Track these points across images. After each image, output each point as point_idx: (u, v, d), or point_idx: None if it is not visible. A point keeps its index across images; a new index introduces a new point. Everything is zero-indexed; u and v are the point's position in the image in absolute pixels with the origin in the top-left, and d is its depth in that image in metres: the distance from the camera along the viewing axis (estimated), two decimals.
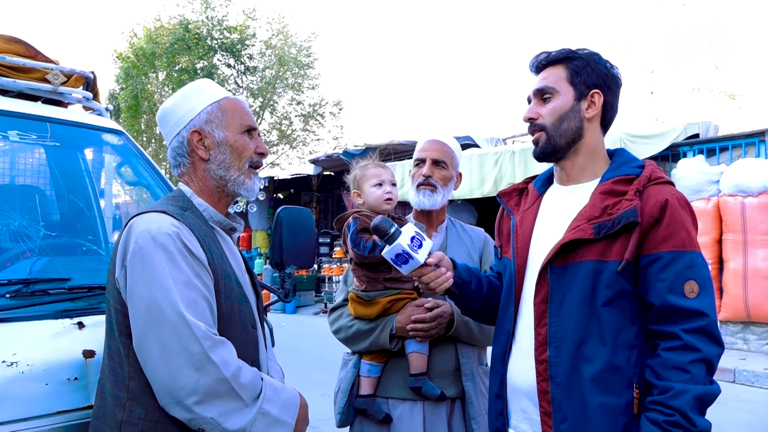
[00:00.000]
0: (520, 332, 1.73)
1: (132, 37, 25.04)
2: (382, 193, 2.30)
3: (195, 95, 1.73)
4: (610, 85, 1.72)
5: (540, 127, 1.72)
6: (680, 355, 1.48)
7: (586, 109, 1.70)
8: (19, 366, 1.59)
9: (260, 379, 1.54)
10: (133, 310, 1.47)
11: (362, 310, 2.26)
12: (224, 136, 1.69)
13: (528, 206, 1.81)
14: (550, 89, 1.71)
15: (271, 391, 1.54)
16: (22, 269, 1.95)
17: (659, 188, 1.60)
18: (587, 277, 1.58)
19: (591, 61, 1.72)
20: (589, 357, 1.56)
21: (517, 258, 1.75)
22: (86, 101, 2.74)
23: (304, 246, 2.19)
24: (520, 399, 1.70)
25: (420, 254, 1.70)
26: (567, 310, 1.60)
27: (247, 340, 1.64)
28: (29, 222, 2.07)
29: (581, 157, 1.72)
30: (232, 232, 1.78)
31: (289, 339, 9.38)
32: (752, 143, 8.49)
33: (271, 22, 26.06)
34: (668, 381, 1.47)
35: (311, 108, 26.51)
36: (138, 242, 1.49)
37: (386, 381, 2.26)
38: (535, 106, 1.74)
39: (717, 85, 18.46)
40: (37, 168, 2.44)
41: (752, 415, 5.74)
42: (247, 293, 1.70)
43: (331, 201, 17.37)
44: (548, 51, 1.76)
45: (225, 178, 1.69)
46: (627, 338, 1.56)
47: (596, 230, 1.57)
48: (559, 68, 1.72)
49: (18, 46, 2.61)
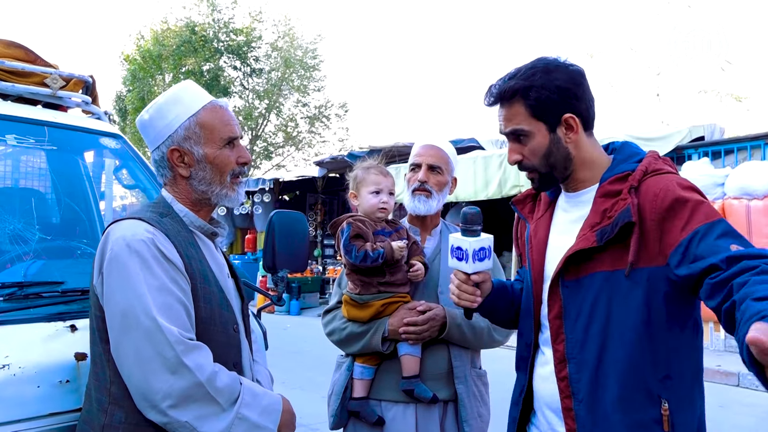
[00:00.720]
0: (543, 343, 1.67)
1: (139, 39, 25.21)
2: (377, 202, 2.31)
3: (172, 108, 1.68)
4: (575, 92, 1.57)
5: (530, 168, 1.63)
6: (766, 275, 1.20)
7: (566, 134, 1.58)
8: (11, 368, 1.61)
9: (239, 383, 1.55)
10: (110, 316, 1.50)
11: (355, 312, 2.27)
12: (204, 153, 1.66)
13: (541, 213, 1.74)
14: (520, 131, 1.59)
15: (250, 396, 1.54)
16: (17, 272, 1.97)
17: (656, 179, 1.49)
18: (601, 290, 1.50)
19: (547, 82, 1.55)
20: (609, 373, 1.48)
21: (534, 267, 1.69)
22: (85, 105, 2.76)
23: (297, 250, 2.21)
24: (545, 410, 1.65)
25: (472, 265, 1.64)
26: (583, 326, 1.52)
27: (228, 343, 1.65)
28: (25, 225, 2.10)
29: (579, 171, 1.63)
30: (213, 237, 1.78)
31: (293, 341, 9.40)
32: (757, 146, 8.46)
33: (277, 25, 26.18)
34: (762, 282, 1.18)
35: (317, 110, 26.61)
36: (114, 249, 1.51)
37: (379, 383, 2.27)
38: (516, 147, 1.63)
39: (723, 87, 18.39)
40: (35, 172, 2.46)
41: (756, 419, 5.71)
42: (229, 297, 1.70)
43: (336, 203, 17.41)
44: (498, 87, 1.61)
45: (207, 192, 1.70)
46: (649, 352, 1.46)
47: (599, 237, 1.49)
48: (517, 105, 1.58)
49: (17, 51, 2.64)
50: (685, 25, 21.37)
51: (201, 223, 1.72)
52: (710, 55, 19.61)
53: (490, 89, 1.63)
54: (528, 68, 1.59)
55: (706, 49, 20.38)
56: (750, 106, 18.24)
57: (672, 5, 20.96)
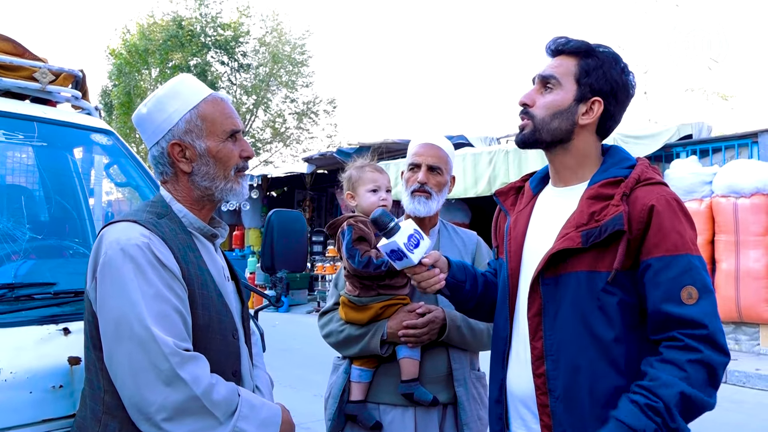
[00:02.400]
0: (516, 340, 1.68)
1: (125, 33, 24.93)
2: (377, 200, 2.28)
3: (171, 101, 1.61)
4: (617, 93, 1.62)
5: (530, 116, 1.64)
6: (679, 354, 1.40)
7: (583, 114, 1.61)
8: (2, 373, 1.56)
9: (236, 395, 1.49)
10: (103, 324, 1.44)
11: (354, 314, 2.23)
12: (206, 146, 1.59)
13: (523, 206, 1.76)
14: (555, 80, 1.62)
15: (248, 409, 1.48)
16: (7, 273, 1.91)
17: (647, 190, 1.52)
18: (579, 289, 1.52)
19: (606, 63, 1.61)
20: (586, 370, 1.51)
21: (510, 262, 1.70)
22: (75, 100, 2.69)
23: (296, 250, 2.16)
24: (519, 407, 1.66)
25: (415, 254, 1.67)
26: (562, 323, 1.55)
27: (227, 351, 1.58)
28: (14, 224, 2.03)
29: (570, 158, 1.65)
30: (213, 239, 1.70)
31: (282, 338, 9.34)
32: (745, 144, 8.52)
33: (265, 20, 25.95)
34: (661, 371, 1.40)
35: (305, 106, 26.47)
36: (108, 253, 1.45)
37: (377, 386, 2.23)
38: (534, 93, 1.66)
39: (710, 85, 18.55)
40: (24, 168, 2.40)
41: (744, 416, 5.75)
42: (228, 302, 1.63)
43: (325, 199, 17.33)
44: (568, 38, 1.66)
45: (211, 188, 1.62)
46: (625, 350, 1.50)
47: (584, 239, 1.51)
48: (571, 60, 1.62)
49: (5, 44, 2.56)
50: (672, 24, 21.53)
51: (201, 225, 1.65)
52: (697, 53, 19.77)
53: (557, 39, 1.67)
54: (603, 46, 1.65)
55: (693, 48, 20.53)
56: (735, 104, 18.42)
57: (660, 4, 21.10)
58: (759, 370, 6.86)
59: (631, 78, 1.64)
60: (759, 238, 7.48)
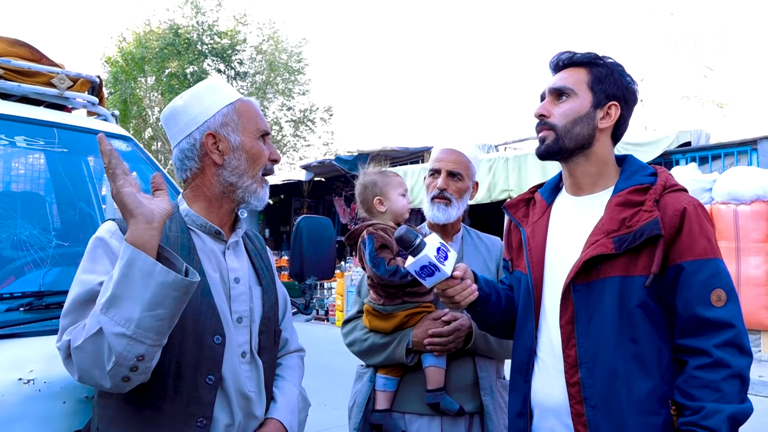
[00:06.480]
0: (542, 350, 1.67)
1: (121, 41, 24.84)
2: (407, 203, 2.32)
3: (209, 95, 1.63)
4: (628, 99, 1.68)
5: (550, 126, 1.66)
6: (711, 373, 1.45)
7: (601, 118, 1.65)
8: (36, 383, 1.54)
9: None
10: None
11: (378, 323, 2.20)
12: (240, 140, 1.61)
13: (537, 217, 1.76)
14: (569, 90, 1.66)
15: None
16: (34, 281, 1.88)
17: (675, 196, 1.56)
18: (614, 294, 1.53)
19: (615, 71, 1.68)
20: (623, 376, 1.51)
21: (533, 272, 1.70)
22: (92, 106, 2.69)
23: (325, 256, 2.14)
24: (548, 418, 1.64)
25: (447, 266, 1.61)
26: (596, 330, 1.55)
27: (200, 355, 1.48)
28: (40, 231, 2.00)
29: (591, 165, 1.68)
30: (218, 235, 1.62)
31: None
32: (744, 151, 8.57)
33: (261, 28, 25.91)
34: (700, 401, 1.43)
35: (302, 113, 26.42)
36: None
37: (402, 395, 2.21)
38: (548, 104, 1.68)
39: (706, 93, 18.68)
40: (46, 175, 2.37)
41: (748, 422, 5.74)
42: (218, 304, 1.53)
43: (322, 207, 17.32)
44: (572, 51, 1.71)
45: (236, 185, 1.60)
46: (660, 354, 1.53)
47: (617, 244, 1.52)
48: (581, 71, 1.68)
49: (22, 50, 2.55)
50: (668, 32, 21.71)
51: (202, 222, 1.60)
52: (693, 61, 19.91)
53: (560, 54, 1.72)
54: (606, 56, 1.72)
55: (688, 56, 20.70)
56: (729, 112, 18.56)
57: (655, 12, 21.28)
58: (762, 377, 6.88)
59: (635, 86, 1.71)
60: (759, 244, 7.51)
